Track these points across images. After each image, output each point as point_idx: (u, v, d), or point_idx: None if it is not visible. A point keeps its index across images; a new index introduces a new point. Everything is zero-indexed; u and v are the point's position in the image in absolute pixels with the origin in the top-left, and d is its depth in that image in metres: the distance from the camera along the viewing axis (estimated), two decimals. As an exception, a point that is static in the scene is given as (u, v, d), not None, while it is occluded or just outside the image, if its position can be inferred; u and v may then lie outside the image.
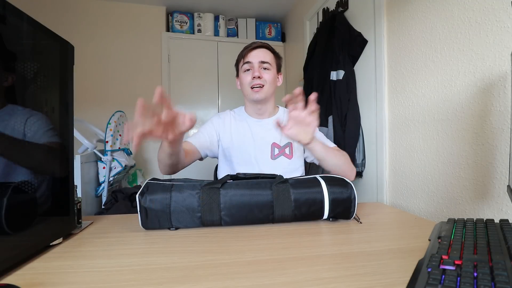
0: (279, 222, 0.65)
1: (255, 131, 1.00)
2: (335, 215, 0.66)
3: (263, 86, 0.94)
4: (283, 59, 1.04)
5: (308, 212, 0.64)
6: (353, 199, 0.65)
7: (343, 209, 0.65)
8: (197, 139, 0.97)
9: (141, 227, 0.60)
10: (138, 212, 0.59)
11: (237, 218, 0.61)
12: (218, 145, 1.01)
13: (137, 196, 0.59)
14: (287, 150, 0.99)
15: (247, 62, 0.95)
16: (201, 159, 1.00)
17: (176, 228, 0.61)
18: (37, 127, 0.50)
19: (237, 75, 1.03)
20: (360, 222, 0.66)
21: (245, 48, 0.98)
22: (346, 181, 0.67)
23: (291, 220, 0.64)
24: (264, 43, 0.99)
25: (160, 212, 0.59)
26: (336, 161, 0.84)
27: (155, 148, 2.72)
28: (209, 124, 1.03)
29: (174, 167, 0.82)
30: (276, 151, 0.98)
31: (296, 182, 0.65)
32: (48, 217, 0.52)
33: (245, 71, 0.96)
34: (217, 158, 1.05)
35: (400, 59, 1.20)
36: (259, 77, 0.93)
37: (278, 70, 1.01)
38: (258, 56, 0.95)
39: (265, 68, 0.95)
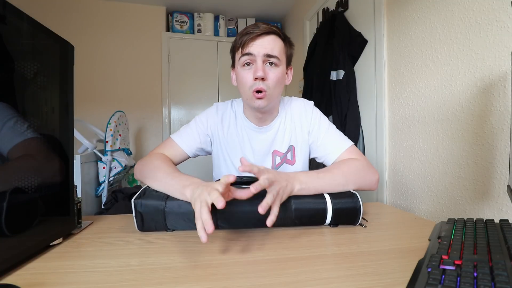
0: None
1: (254, 141, 0.84)
2: (337, 223, 0.63)
3: (266, 91, 0.72)
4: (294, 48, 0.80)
5: (309, 221, 0.62)
6: (358, 209, 0.61)
7: (347, 218, 0.63)
8: (185, 140, 0.82)
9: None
10: (134, 217, 0.59)
11: (234, 225, 0.60)
12: (211, 145, 0.86)
13: (132, 201, 0.59)
14: (289, 155, 0.85)
15: (248, 54, 0.71)
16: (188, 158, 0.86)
17: (173, 230, 0.61)
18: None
19: (233, 66, 0.80)
20: (365, 226, 0.64)
21: (246, 32, 0.71)
22: (352, 193, 0.64)
23: (290, 226, 0.63)
24: (272, 27, 0.72)
25: (156, 218, 0.58)
26: (338, 186, 0.66)
27: (155, 148, 2.73)
28: (202, 120, 0.85)
29: None
30: (278, 159, 0.84)
31: None
32: (48, 217, 0.52)
33: (244, 64, 0.73)
34: (210, 154, 0.90)
35: (400, 59, 1.20)
36: (263, 78, 0.71)
37: (288, 63, 0.79)
38: (263, 46, 0.70)
39: (271, 63, 0.72)
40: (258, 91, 0.72)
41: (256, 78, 0.71)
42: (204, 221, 0.46)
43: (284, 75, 0.77)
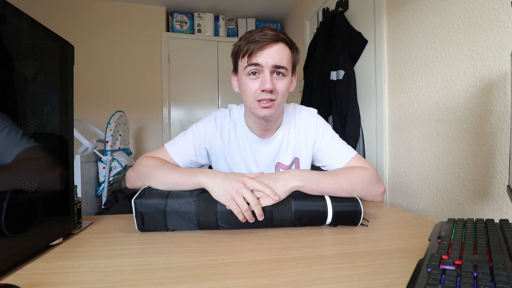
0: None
1: (257, 154, 0.82)
2: (337, 224, 0.63)
3: (275, 100, 0.69)
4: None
5: (309, 223, 0.62)
6: (359, 213, 0.61)
7: (347, 221, 0.63)
8: (179, 152, 0.77)
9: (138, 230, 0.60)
10: (134, 217, 0.59)
11: (235, 226, 0.60)
12: (208, 157, 0.83)
13: (132, 201, 0.59)
14: (293, 168, 0.83)
15: (255, 64, 0.66)
16: None
17: (173, 230, 0.61)
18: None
19: (235, 71, 0.75)
20: (366, 226, 0.64)
21: (253, 40, 0.66)
22: (353, 197, 0.64)
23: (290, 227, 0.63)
24: (280, 34, 0.68)
25: (156, 217, 0.58)
26: (343, 192, 0.64)
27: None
28: (200, 132, 0.80)
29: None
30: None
31: (298, 193, 0.63)
32: (48, 217, 0.52)
33: (249, 73, 0.68)
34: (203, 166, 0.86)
35: (400, 59, 1.20)
36: (271, 90, 0.67)
37: (293, 70, 0.75)
38: (272, 57, 0.66)
39: (279, 73, 0.68)
40: (267, 100, 0.68)
41: (263, 90, 0.67)
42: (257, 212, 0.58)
43: (290, 83, 0.74)
